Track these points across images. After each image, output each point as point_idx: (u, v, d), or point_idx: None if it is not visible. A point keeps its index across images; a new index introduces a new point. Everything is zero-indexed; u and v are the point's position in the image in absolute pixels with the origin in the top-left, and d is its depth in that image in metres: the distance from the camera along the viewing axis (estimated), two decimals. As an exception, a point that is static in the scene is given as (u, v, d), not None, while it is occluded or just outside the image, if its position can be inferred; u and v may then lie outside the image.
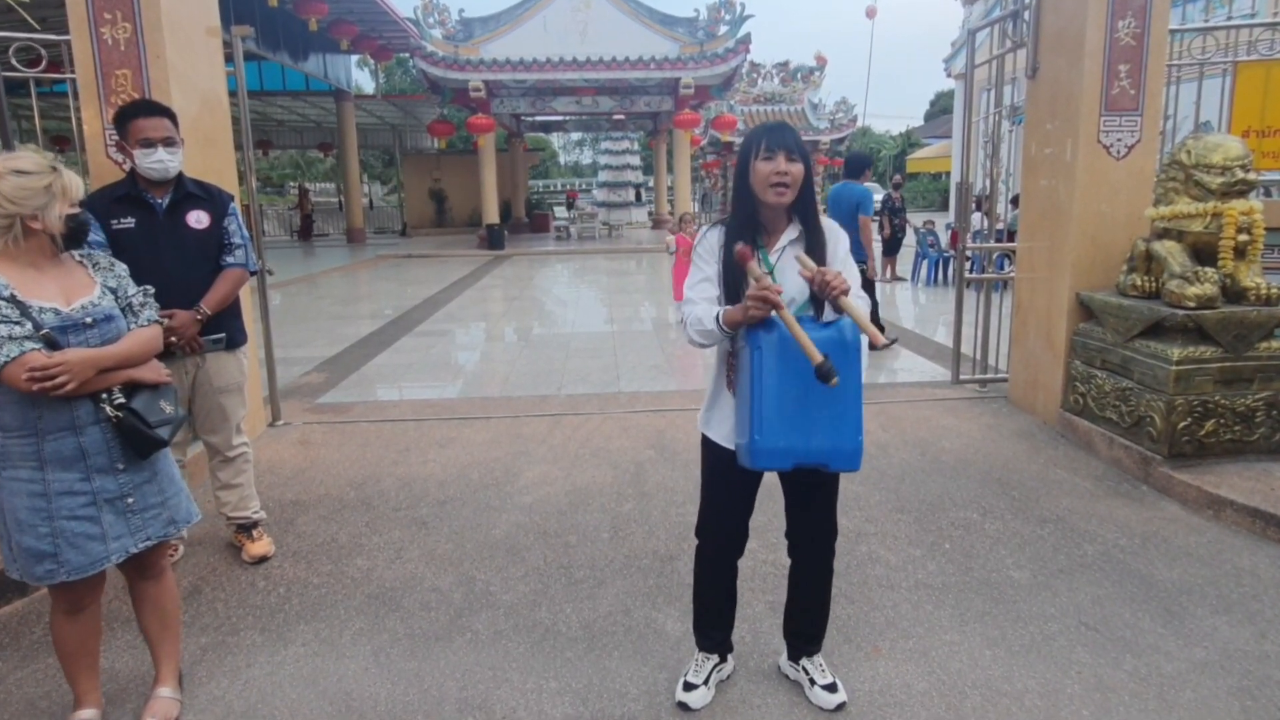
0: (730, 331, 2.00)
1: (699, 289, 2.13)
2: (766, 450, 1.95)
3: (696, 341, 2.09)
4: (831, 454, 1.97)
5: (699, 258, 2.16)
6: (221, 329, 3.24)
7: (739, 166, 2.13)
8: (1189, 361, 3.88)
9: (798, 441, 1.94)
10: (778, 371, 1.93)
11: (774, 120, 2.24)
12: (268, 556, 3.37)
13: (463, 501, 3.95)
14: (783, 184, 2.04)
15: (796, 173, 2.05)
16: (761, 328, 1.94)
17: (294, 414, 5.45)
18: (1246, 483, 3.71)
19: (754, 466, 2.00)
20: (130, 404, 2.12)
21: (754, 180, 2.07)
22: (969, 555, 3.31)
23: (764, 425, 1.94)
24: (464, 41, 18.26)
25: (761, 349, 1.94)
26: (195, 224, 3.16)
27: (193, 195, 3.18)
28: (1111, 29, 4.50)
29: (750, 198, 2.10)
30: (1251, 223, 3.88)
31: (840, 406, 1.95)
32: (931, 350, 7.32)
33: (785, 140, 2.04)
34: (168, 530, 2.26)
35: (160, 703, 2.35)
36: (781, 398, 1.93)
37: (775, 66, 29.01)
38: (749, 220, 2.12)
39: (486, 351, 8.17)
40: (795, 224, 2.14)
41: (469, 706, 2.41)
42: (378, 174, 42.61)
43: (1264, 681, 2.46)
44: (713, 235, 2.18)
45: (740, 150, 2.13)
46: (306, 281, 14.14)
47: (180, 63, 4.11)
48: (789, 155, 2.03)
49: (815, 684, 2.37)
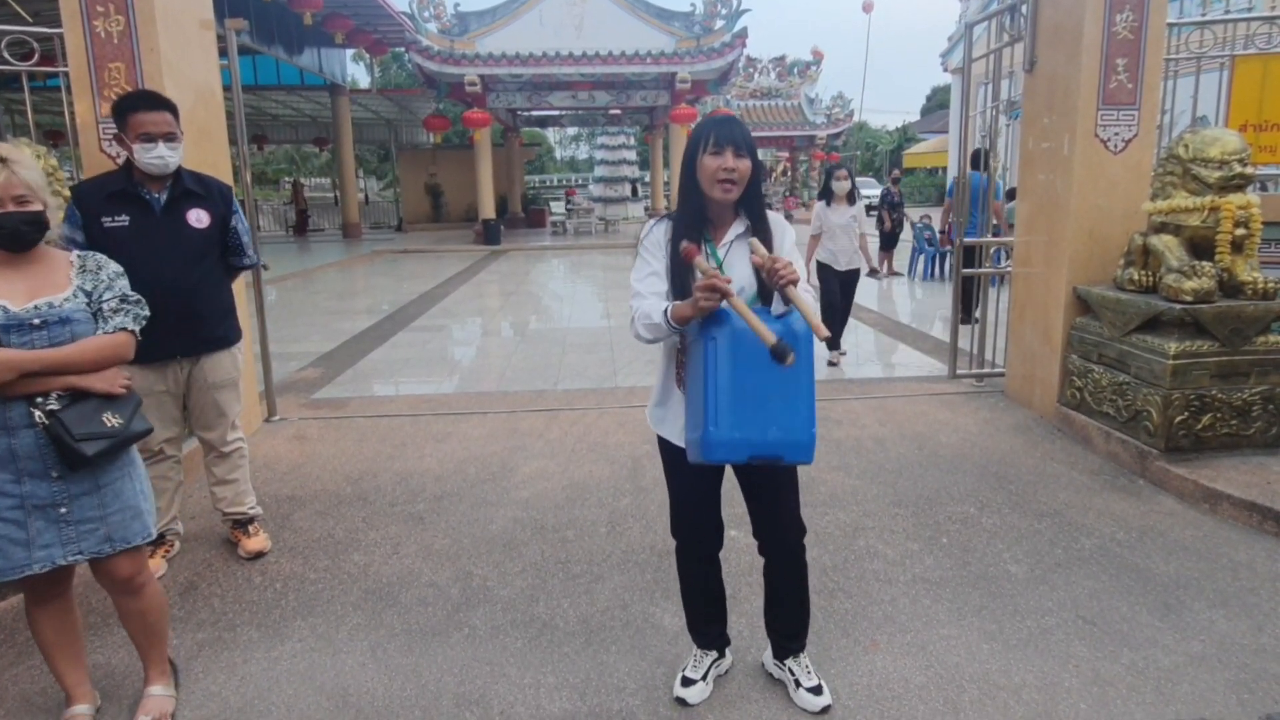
0: (678, 327, 1.97)
1: (647, 283, 2.10)
2: (720, 442, 1.92)
3: (644, 337, 2.05)
4: (786, 446, 1.95)
5: (646, 251, 2.13)
6: (215, 329, 3.20)
7: (686, 160, 2.10)
8: (1186, 356, 3.89)
9: (753, 433, 1.92)
10: (731, 363, 1.91)
11: (722, 114, 2.17)
12: (264, 552, 3.36)
13: (459, 496, 3.94)
14: (730, 180, 2.02)
15: (744, 169, 2.02)
16: (713, 321, 1.92)
17: (290, 409, 5.43)
18: (1243, 476, 3.72)
19: (707, 460, 1.96)
20: (60, 413, 2.01)
21: (701, 175, 2.05)
22: (966, 549, 3.31)
23: (718, 417, 1.91)
24: (459, 36, 18.18)
25: (715, 340, 1.91)
26: (195, 223, 3.08)
27: (191, 192, 3.09)
28: (1109, 23, 4.49)
29: (697, 192, 2.07)
30: (1249, 217, 3.88)
31: (793, 399, 1.94)
32: (929, 345, 7.32)
33: (733, 135, 2.01)
34: (103, 548, 2.14)
35: (152, 701, 2.34)
36: (735, 390, 1.91)
37: (772, 61, 28.99)
38: (696, 215, 2.09)
39: (483, 347, 8.15)
40: (742, 218, 2.12)
41: (466, 702, 2.41)
42: (373, 169, 42.48)
43: (1260, 675, 2.46)
44: (659, 229, 2.14)
45: (688, 143, 2.10)
46: (302, 277, 14.09)
47: (174, 56, 4.08)
48: (736, 151, 2.00)
49: (800, 686, 2.34)
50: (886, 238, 13.13)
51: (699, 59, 18.19)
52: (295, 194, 26.48)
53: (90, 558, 2.15)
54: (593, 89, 19.62)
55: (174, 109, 3.01)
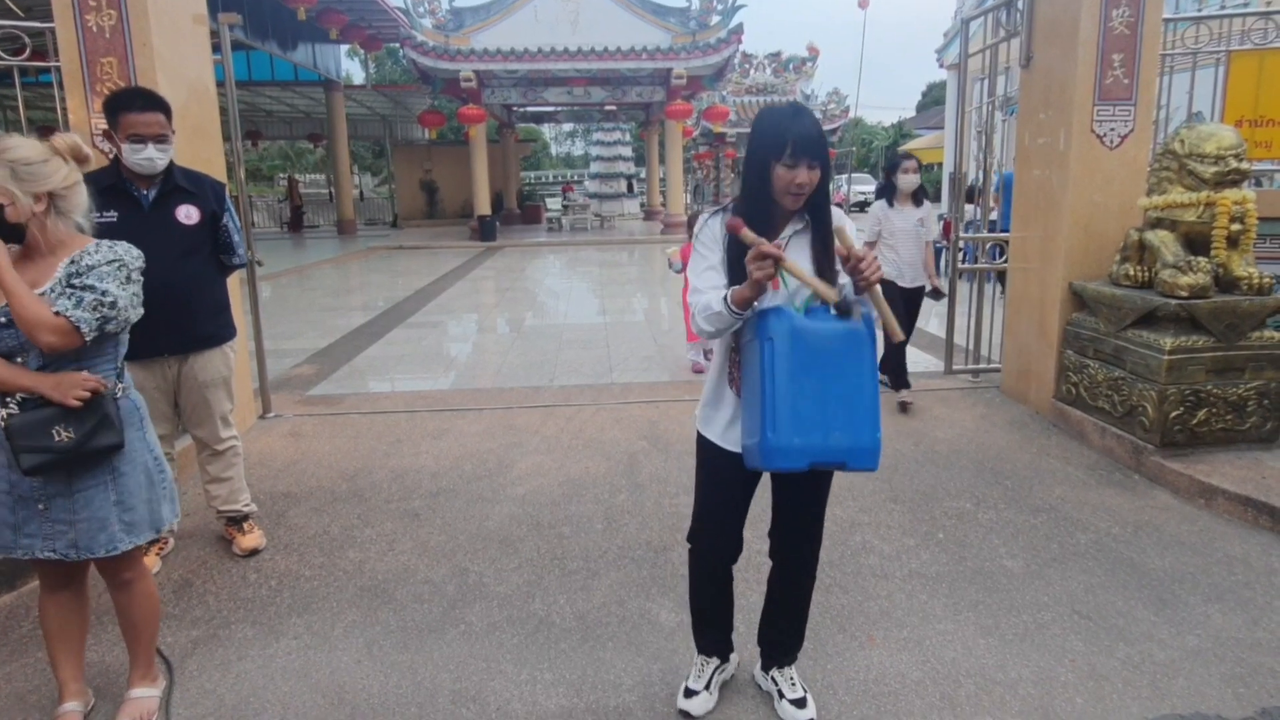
0: (740, 312, 1.85)
1: (704, 278, 1.99)
2: (780, 449, 1.81)
3: (705, 330, 1.96)
4: (850, 452, 1.84)
5: (702, 245, 2.04)
6: (205, 327, 3.16)
7: (754, 159, 1.95)
8: (1181, 351, 3.89)
9: (815, 439, 1.82)
10: (790, 364, 1.81)
11: (795, 105, 2.00)
12: (259, 549, 3.35)
13: (455, 493, 3.94)
14: (802, 194, 1.92)
15: (815, 179, 1.92)
16: (772, 315, 1.85)
17: (285, 406, 5.42)
18: (1238, 471, 3.73)
19: (766, 467, 1.87)
20: (11, 418, 1.98)
21: (774, 183, 1.92)
22: (962, 545, 3.32)
23: (777, 422, 1.80)
24: (454, 31, 18.12)
25: (773, 340, 1.82)
26: (184, 219, 3.05)
27: (182, 189, 3.07)
28: (1105, 18, 4.49)
29: (765, 196, 1.95)
30: (1244, 212, 3.89)
31: (856, 401, 1.84)
32: (925, 341, 7.33)
33: (810, 146, 1.88)
34: (69, 553, 2.10)
35: (131, 704, 2.31)
36: (795, 392, 1.81)
37: (768, 57, 28.93)
38: (760, 216, 1.96)
39: (479, 343, 8.14)
40: (803, 214, 2.02)
41: (463, 698, 2.40)
42: (368, 165, 42.33)
43: (1256, 669, 2.47)
44: (714, 223, 2.05)
45: (756, 139, 1.95)
46: (297, 273, 14.05)
47: (167, 51, 4.06)
48: (811, 164, 1.89)
49: (784, 697, 2.28)
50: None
51: (695, 55, 18.15)
52: (290, 190, 26.40)
53: (60, 558, 2.12)
54: (588, 85, 19.58)
55: (167, 109, 2.96)
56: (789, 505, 2.21)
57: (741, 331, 1.99)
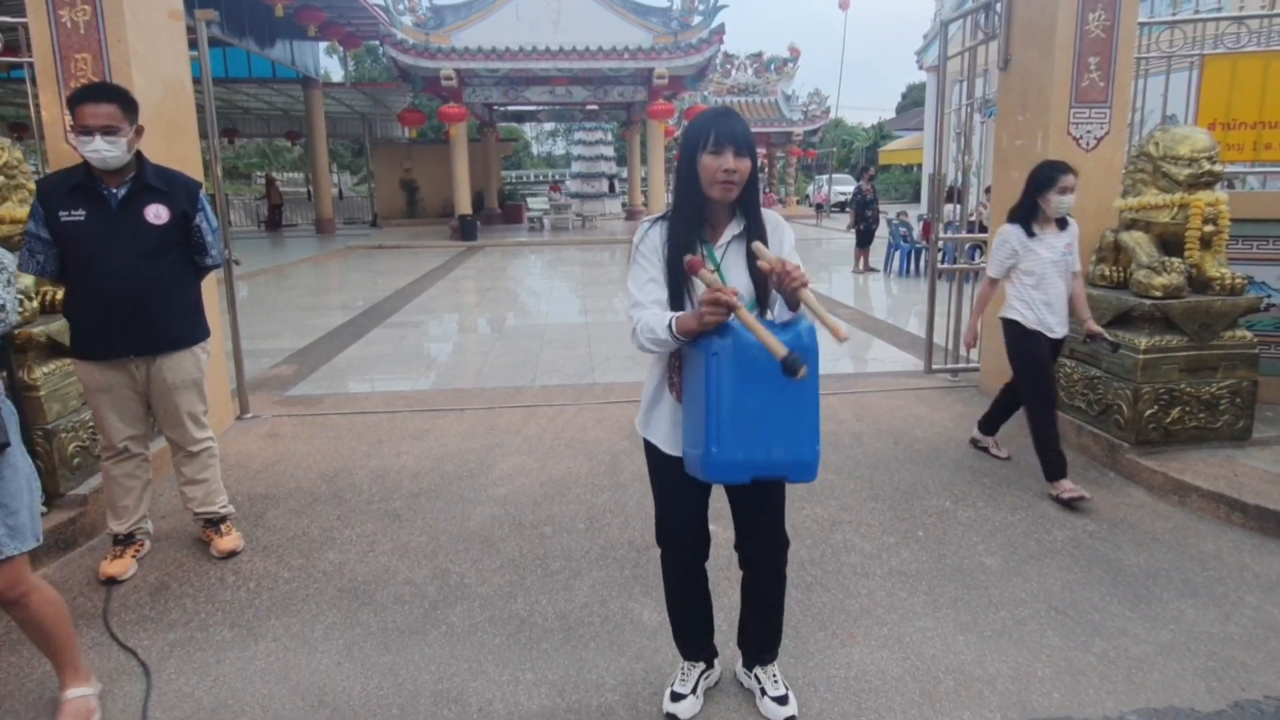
0: (683, 340, 1.89)
1: (646, 290, 1.99)
2: (723, 463, 1.84)
3: (648, 349, 1.98)
4: (790, 466, 1.88)
5: (642, 256, 2.03)
6: (172, 329, 3.07)
7: (684, 158, 2.00)
8: (1156, 350, 3.95)
9: (758, 454, 1.85)
10: (734, 380, 1.82)
11: (721, 107, 2.08)
12: (237, 551, 3.31)
13: (436, 493, 3.91)
14: (730, 181, 1.93)
15: (744, 169, 1.94)
16: (716, 333, 1.83)
17: (263, 407, 5.36)
18: (1211, 469, 3.79)
19: (706, 479, 1.91)
20: None
21: (701, 174, 1.96)
22: (942, 542, 3.35)
23: (721, 437, 1.82)
24: (435, 29, 18.02)
25: (718, 355, 1.82)
26: (153, 219, 2.96)
27: (152, 188, 2.99)
28: (1082, 21, 4.55)
29: (696, 191, 1.98)
30: (1217, 214, 3.95)
31: (798, 415, 1.86)
32: (904, 340, 7.39)
33: (734, 134, 1.92)
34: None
35: (68, 706, 2.25)
36: (738, 408, 1.83)
37: (749, 57, 29.05)
38: (694, 214, 2.01)
39: (460, 343, 8.10)
40: (739, 218, 2.04)
41: (444, 699, 2.39)
42: (347, 163, 41.96)
43: (1229, 663, 2.51)
44: (654, 232, 2.05)
45: (685, 140, 2.00)
46: (275, 272, 13.91)
47: (142, 47, 4.00)
48: (737, 151, 1.92)
49: (766, 694, 2.29)
50: (862, 235, 13.24)
51: (676, 55, 18.18)
52: (268, 188, 26.12)
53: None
54: (570, 84, 19.55)
55: (123, 100, 2.86)
56: (746, 512, 2.21)
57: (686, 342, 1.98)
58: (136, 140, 2.95)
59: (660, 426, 2.14)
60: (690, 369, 1.98)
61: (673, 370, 2.08)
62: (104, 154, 2.83)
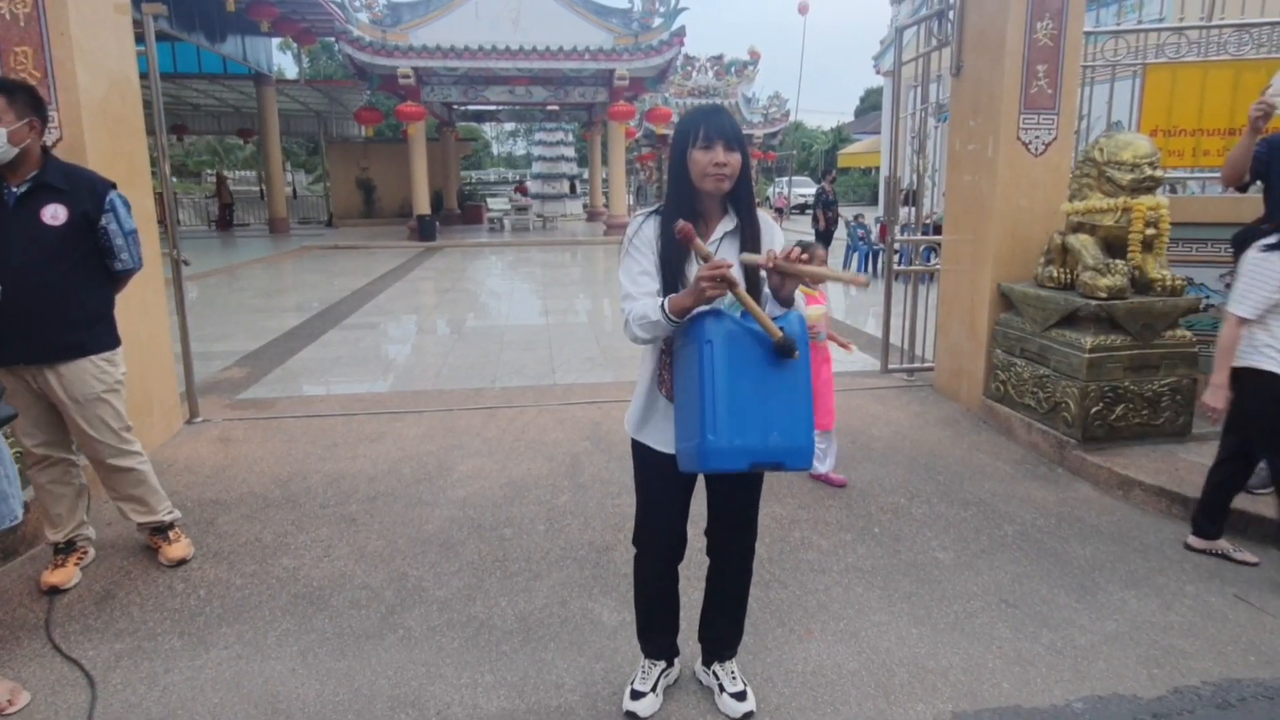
0: (677, 320, 1.88)
1: (638, 282, 2.01)
2: (721, 450, 1.82)
3: (640, 337, 1.97)
4: (788, 453, 1.87)
5: (635, 249, 2.05)
6: (66, 335, 2.88)
7: (675, 153, 2.02)
8: (1101, 349, 4.07)
9: (754, 440, 1.84)
10: (729, 366, 1.83)
11: (710, 104, 2.11)
12: (187, 559, 3.23)
13: (394, 497, 3.87)
14: (722, 174, 1.96)
15: (735, 163, 1.97)
16: (709, 319, 1.86)
17: (213, 410, 5.24)
18: (1153, 464, 3.91)
19: (705, 469, 1.89)
20: None
21: (691, 169, 1.98)
22: (897, 538, 3.41)
23: (717, 424, 1.81)
24: (392, 26, 17.79)
25: (712, 343, 1.83)
26: (50, 220, 2.80)
27: (51, 187, 2.82)
28: (1030, 30, 4.67)
29: (687, 186, 2.01)
30: (1158, 217, 4.09)
31: (792, 402, 1.87)
32: (862, 341, 7.50)
33: (723, 129, 1.95)
34: None
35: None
36: (734, 394, 1.82)
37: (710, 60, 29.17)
38: (686, 209, 2.03)
39: (418, 345, 8.01)
40: (731, 215, 2.07)
41: (401, 704, 2.36)
42: (302, 162, 41.18)
43: (1169, 651, 2.60)
44: (648, 226, 2.07)
45: (676, 136, 2.03)
46: (226, 273, 13.60)
47: (86, 41, 3.89)
48: (727, 145, 1.95)
49: (725, 691, 2.31)
50: (821, 236, 13.42)
51: (637, 56, 18.21)
52: (219, 187, 25.52)
53: None
54: (530, 84, 19.46)
55: (6, 89, 2.71)
56: (724, 504, 2.24)
57: (674, 336, 1.99)
58: (29, 135, 2.77)
59: (651, 426, 2.14)
60: (681, 362, 1.97)
61: (663, 368, 2.09)
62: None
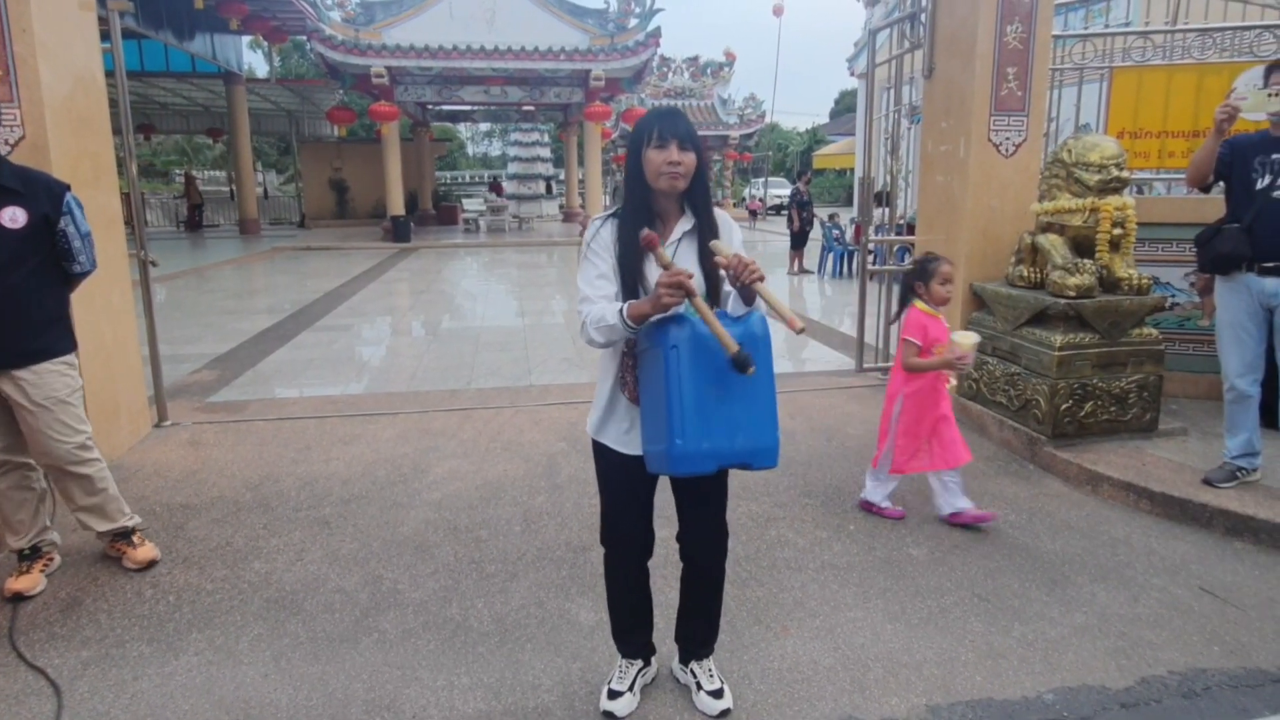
0: (635, 327, 1.89)
1: (595, 286, 2.02)
2: (688, 454, 1.85)
3: (597, 341, 1.98)
4: (753, 453, 1.91)
5: (593, 253, 2.06)
6: (26, 341, 2.85)
7: (630, 155, 2.05)
8: (1070, 347, 4.14)
9: (721, 443, 1.87)
10: (694, 370, 1.85)
11: (665, 106, 2.17)
12: (155, 561, 3.17)
13: (368, 499, 3.83)
14: (676, 172, 1.98)
15: (689, 162, 1.98)
16: (673, 324, 1.87)
17: (183, 414, 5.16)
18: (1121, 459, 3.98)
19: (673, 472, 1.91)
20: None
21: (646, 169, 2.00)
22: (872, 536, 3.44)
23: (685, 428, 1.83)
24: (365, 25, 17.61)
25: (677, 348, 1.85)
26: (8, 223, 2.77)
27: (7, 189, 2.78)
28: (1000, 33, 4.74)
29: (643, 187, 2.03)
30: (1125, 218, 4.16)
31: (758, 403, 1.91)
32: (837, 340, 7.56)
33: (677, 129, 1.97)
34: None
35: None
36: (700, 398, 1.85)
37: (685, 61, 29.28)
38: (642, 210, 2.04)
39: (393, 346, 7.94)
40: (688, 215, 2.08)
41: (377, 707, 2.34)
42: (273, 162, 40.68)
43: (1137, 642, 2.65)
44: (606, 230, 2.08)
45: (631, 138, 2.07)
46: (195, 274, 13.39)
47: (50, 38, 3.81)
48: (681, 144, 1.97)
49: (702, 689, 2.32)
50: (796, 237, 13.50)
51: (613, 57, 18.20)
52: (188, 187, 25.12)
53: None
54: (505, 84, 19.37)
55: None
56: (691, 506, 2.24)
57: (637, 339, 2.00)
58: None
59: (615, 427, 2.14)
60: (646, 367, 1.98)
61: (625, 370, 2.09)
62: None
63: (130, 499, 3.78)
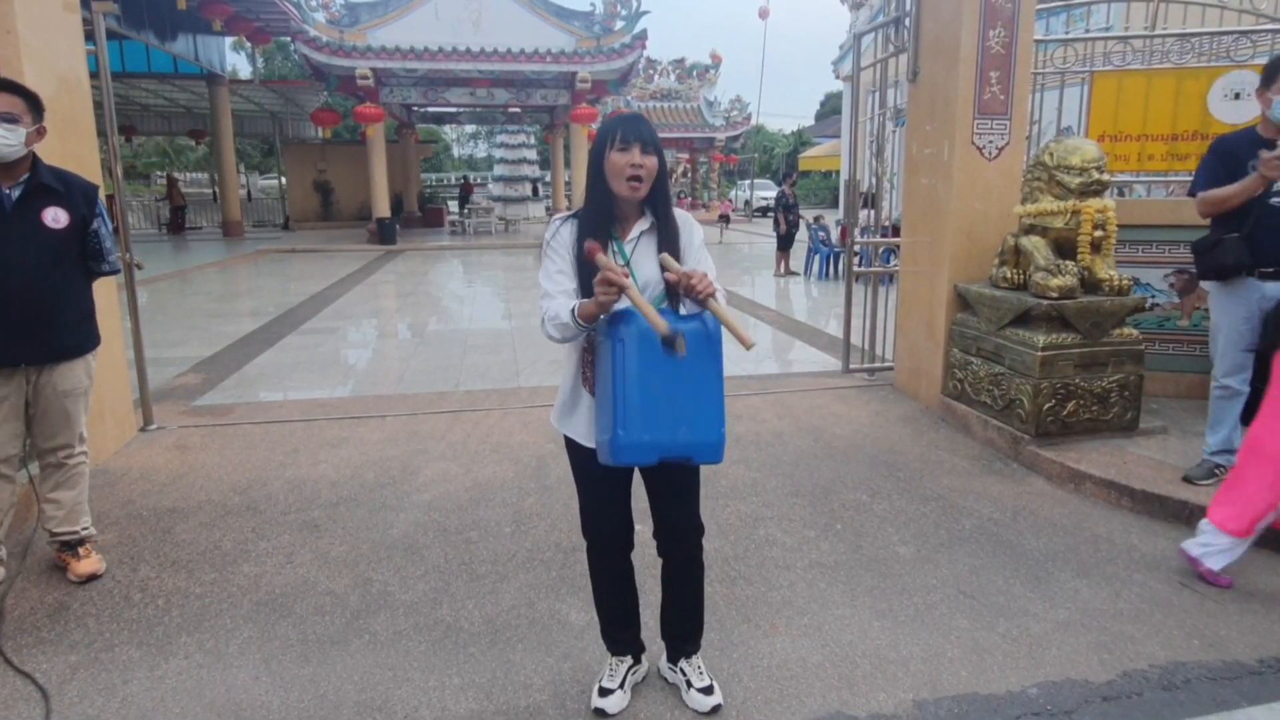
0: (586, 325, 1.96)
1: (555, 282, 2.09)
2: (630, 445, 1.90)
3: (554, 337, 2.04)
4: (695, 447, 1.96)
5: (553, 250, 2.12)
6: (69, 336, 2.95)
7: (593, 157, 2.09)
8: (1053, 348, 4.19)
9: (663, 435, 1.92)
10: (639, 364, 1.90)
11: (629, 112, 2.22)
12: (98, 575, 3.10)
13: (357, 502, 3.83)
14: (637, 177, 2.02)
15: (651, 165, 2.03)
16: (623, 320, 1.91)
17: (168, 417, 5.13)
18: (1103, 458, 4.04)
19: (616, 462, 1.96)
20: None
21: (609, 171, 2.04)
22: (859, 534, 3.47)
23: (628, 420, 1.89)
24: (350, 27, 17.54)
25: (624, 341, 1.91)
26: (52, 223, 2.83)
27: (49, 188, 2.84)
28: (984, 37, 4.79)
29: (604, 189, 2.08)
30: (1106, 220, 4.23)
31: (703, 399, 1.95)
32: (823, 341, 7.61)
33: (640, 132, 2.02)
34: None
35: None
36: (645, 391, 1.90)
37: (671, 63, 29.35)
38: (603, 212, 2.09)
39: (380, 349, 7.92)
40: (647, 216, 2.13)
41: (368, 709, 2.35)
42: (256, 164, 40.41)
43: (1118, 637, 2.69)
44: (566, 229, 2.13)
45: (595, 141, 2.10)
46: (178, 277, 13.29)
47: (34, 39, 3.79)
48: (644, 148, 2.01)
49: (692, 686, 2.34)
50: (783, 238, 13.56)
51: (599, 59, 18.21)
52: (170, 189, 24.89)
53: None
54: (491, 86, 19.34)
55: (26, 95, 2.77)
56: (664, 500, 2.28)
57: (594, 332, 2.05)
58: (36, 139, 2.82)
59: (579, 421, 2.20)
60: (599, 360, 2.04)
61: (585, 365, 2.14)
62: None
63: (117, 503, 3.78)
